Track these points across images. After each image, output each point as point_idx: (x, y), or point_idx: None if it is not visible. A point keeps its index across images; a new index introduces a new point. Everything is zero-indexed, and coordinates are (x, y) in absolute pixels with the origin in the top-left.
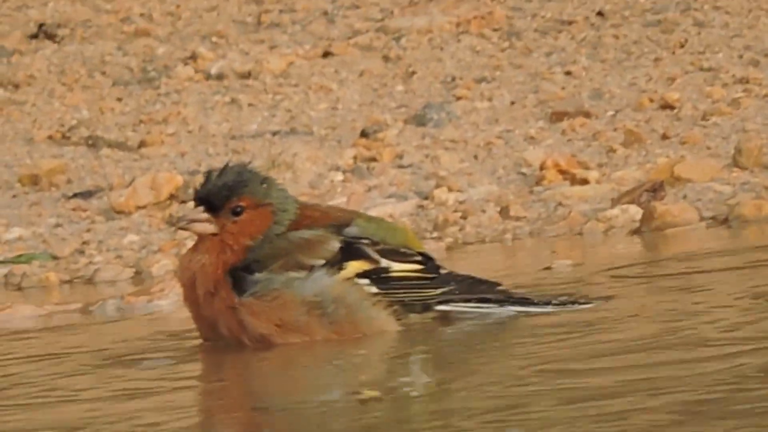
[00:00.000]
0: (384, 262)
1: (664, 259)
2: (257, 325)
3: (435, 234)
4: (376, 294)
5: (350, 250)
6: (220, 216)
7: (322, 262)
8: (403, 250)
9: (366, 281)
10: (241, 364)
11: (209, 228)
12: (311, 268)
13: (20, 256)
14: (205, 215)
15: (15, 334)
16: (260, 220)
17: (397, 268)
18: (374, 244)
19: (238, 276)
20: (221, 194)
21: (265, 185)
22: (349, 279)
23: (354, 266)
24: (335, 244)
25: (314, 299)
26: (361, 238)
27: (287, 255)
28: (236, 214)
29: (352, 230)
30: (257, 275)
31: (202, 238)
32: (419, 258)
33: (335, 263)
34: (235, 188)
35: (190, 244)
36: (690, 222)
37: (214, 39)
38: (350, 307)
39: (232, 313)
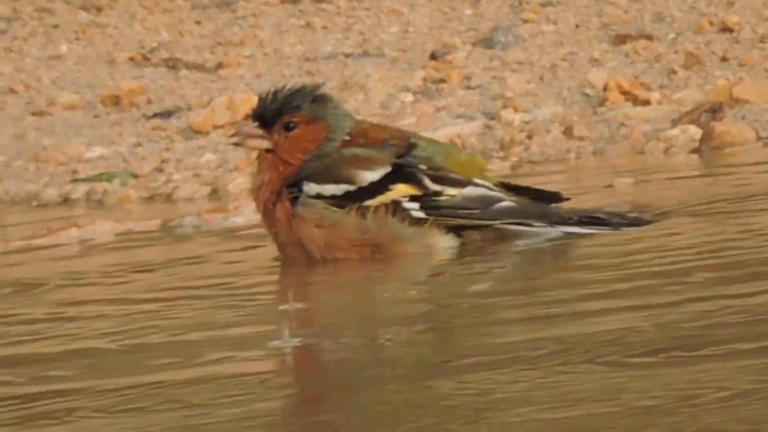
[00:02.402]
0: (435, 187)
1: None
2: (308, 240)
3: (501, 153)
4: (421, 219)
5: (401, 173)
6: (274, 132)
7: (368, 181)
8: (455, 176)
9: (415, 205)
10: None
11: (263, 143)
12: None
13: (101, 174)
14: (259, 131)
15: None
16: (313, 135)
17: (449, 193)
18: (429, 168)
19: (292, 189)
20: (273, 110)
21: (317, 102)
22: (393, 201)
23: (401, 189)
24: (386, 166)
25: (356, 220)
26: (416, 162)
27: (336, 169)
28: (289, 129)
29: (410, 151)
30: (306, 187)
31: (262, 157)
32: (471, 186)
33: (382, 183)
34: (287, 104)
35: None
36: (747, 141)
37: None
38: (391, 230)
39: (289, 224)
